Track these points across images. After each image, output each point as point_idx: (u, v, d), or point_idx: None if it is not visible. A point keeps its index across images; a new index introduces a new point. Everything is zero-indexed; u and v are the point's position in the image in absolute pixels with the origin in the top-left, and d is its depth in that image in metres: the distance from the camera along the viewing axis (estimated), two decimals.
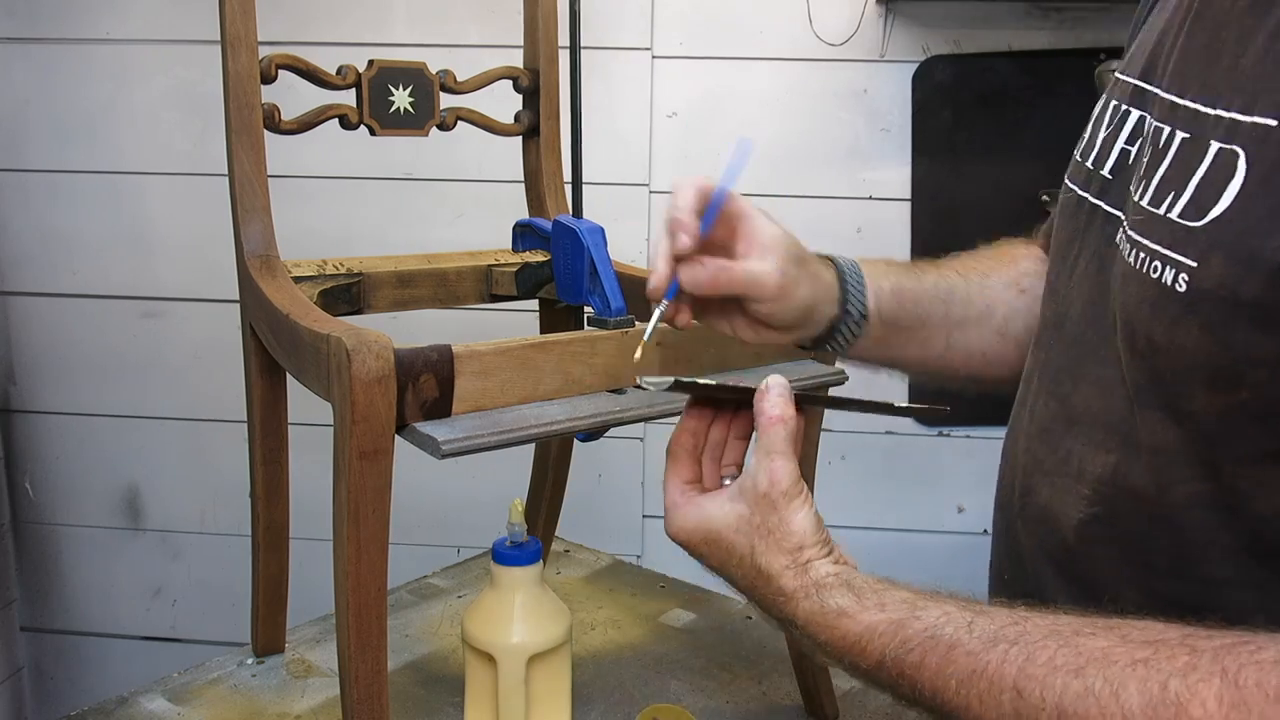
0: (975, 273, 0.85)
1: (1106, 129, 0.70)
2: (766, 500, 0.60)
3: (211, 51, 0.91)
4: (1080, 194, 0.71)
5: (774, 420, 0.62)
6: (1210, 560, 0.56)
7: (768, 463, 0.61)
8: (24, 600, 1.90)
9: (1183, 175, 0.56)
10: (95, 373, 1.79)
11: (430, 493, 1.72)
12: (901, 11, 1.59)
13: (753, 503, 0.61)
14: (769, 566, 0.60)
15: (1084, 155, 0.73)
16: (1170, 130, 0.59)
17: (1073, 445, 0.65)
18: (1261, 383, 0.52)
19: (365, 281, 0.97)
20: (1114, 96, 0.71)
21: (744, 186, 1.85)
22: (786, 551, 0.60)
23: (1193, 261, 0.53)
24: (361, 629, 0.75)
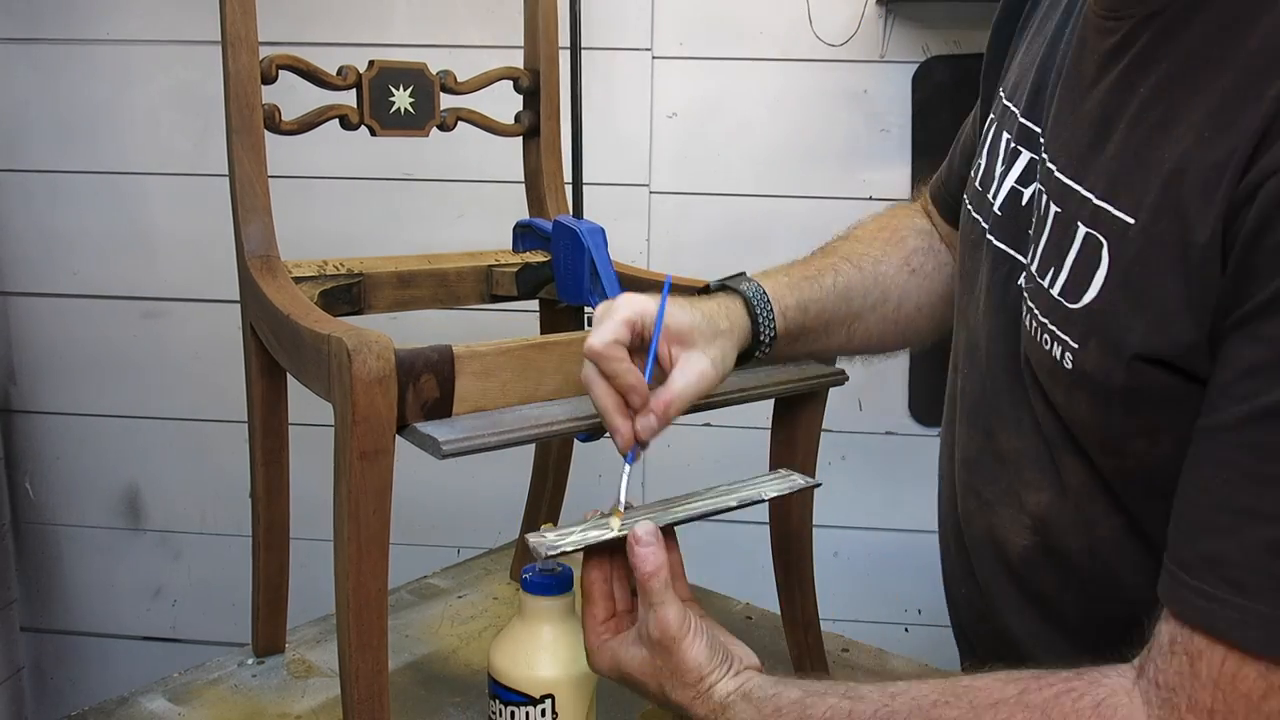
0: (869, 260, 0.89)
1: (1001, 164, 0.74)
2: (660, 646, 0.66)
3: (212, 52, 0.91)
4: (978, 221, 0.76)
5: (648, 576, 0.66)
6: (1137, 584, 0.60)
7: (654, 613, 0.66)
8: (24, 600, 1.90)
9: (1058, 253, 0.61)
10: (96, 373, 1.79)
11: (431, 493, 1.72)
12: (901, 12, 1.59)
13: (650, 648, 0.67)
14: (680, 700, 0.67)
15: (982, 183, 0.77)
16: (1047, 200, 0.64)
17: (1010, 481, 0.70)
18: (1140, 452, 0.57)
19: (366, 282, 0.97)
20: (1004, 126, 0.75)
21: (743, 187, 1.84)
22: (689, 685, 0.66)
23: (1075, 344, 0.59)
24: (362, 629, 0.75)
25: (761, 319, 0.78)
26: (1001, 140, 0.75)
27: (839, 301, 0.85)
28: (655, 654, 0.67)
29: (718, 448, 1.73)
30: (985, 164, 0.77)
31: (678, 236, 1.68)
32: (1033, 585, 0.70)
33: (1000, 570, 0.72)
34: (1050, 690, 0.54)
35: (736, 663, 0.68)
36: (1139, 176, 0.56)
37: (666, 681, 0.67)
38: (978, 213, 0.76)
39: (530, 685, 0.81)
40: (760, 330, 0.78)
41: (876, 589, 1.72)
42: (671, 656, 0.66)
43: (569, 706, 0.82)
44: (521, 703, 0.81)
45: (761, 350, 0.80)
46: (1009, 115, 0.74)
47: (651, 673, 0.67)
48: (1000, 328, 0.70)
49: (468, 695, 0.99)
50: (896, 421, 1.72)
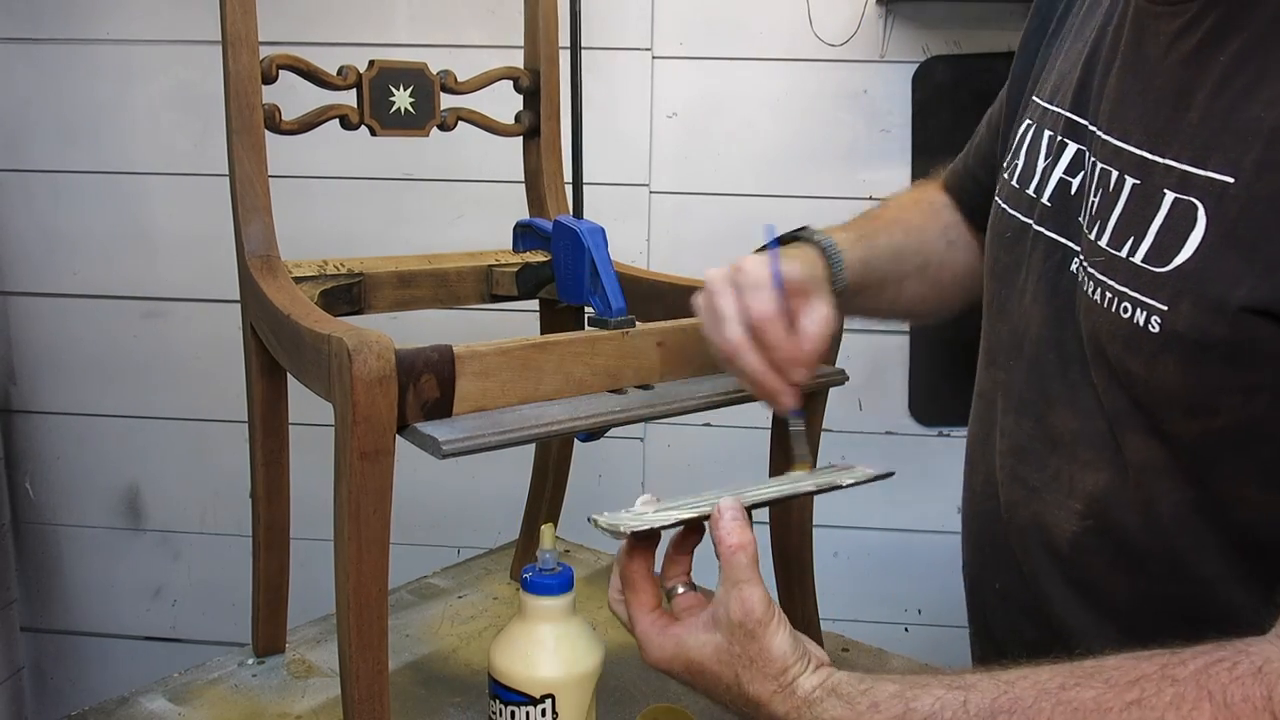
0: (914, 226, 0.94)
1: (1045, 159, 0.75)
2: (743, 630, 0.61)
3: (213, 52, 0.91)
4: (1022, 219, 0.76)
5: (734, 549, 0.62)
6: (1200, 561, 0.60)
7: (737, 592, 0.61)
8: (24, 600, 1.90)
9: (1140, 221, 0.61)
10: (96, 373, 1.79)
11: (431, 493, 1.72)
12: (901, 12, 1.59)
13: (728, 633, 0.61)
14: (758, 694, 0.60)
15: (1020, 180, 0.78)
16: (1119, 174, 0.64)
17: (1060, 465, 0.69)
18: (1236, 408, 0.57)
19: (366, 282, 0.97)
20: (1044, 125, 0.76)
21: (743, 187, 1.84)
22: (771, 677, 0.60)
23: (1163, 305, 0.59)
24: (362, 629, 0.75)
25: (835, 269, 0.83)
26: (1043, 138, 0.76)
27: (891, 261, 0.89)
28: (734, 639, 0.61)
29: (718, 448, 1.73)
30: (1024, 163, 0.78)
31: (678, 236, 1.68)
32: (1081, 571, 0.69)
33: (1047, 558, 0.71)
34: (1196, 663, 0.50)
35: (814, 658, 0.62)
36: (1232, 138, 0.56)
37: (745, 671, 0.60)
38: (1016, 209, 0.77)
39: (530, 685, 0.81)
40: (834, 280, 0.82)
41: (876, 589, 1.72)
42: (754, 642, 0.60)
43: (569, 706, 0.83)
44: (522, 703, 0.82)
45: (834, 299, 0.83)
46: (1049, 115, 0.76)
47: (727, 660, 0.61)
48: (1053, 314, 0.70)
49: (468, 695, 0.99)
50: (896, 421, 1.72)
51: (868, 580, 1.72)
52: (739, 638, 0.60)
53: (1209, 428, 0.59)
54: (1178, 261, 0.58)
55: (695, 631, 0.63)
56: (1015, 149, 0.81)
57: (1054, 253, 0.72)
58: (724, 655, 0.61)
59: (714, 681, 0.62)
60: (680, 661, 0.63)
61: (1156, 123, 0.62)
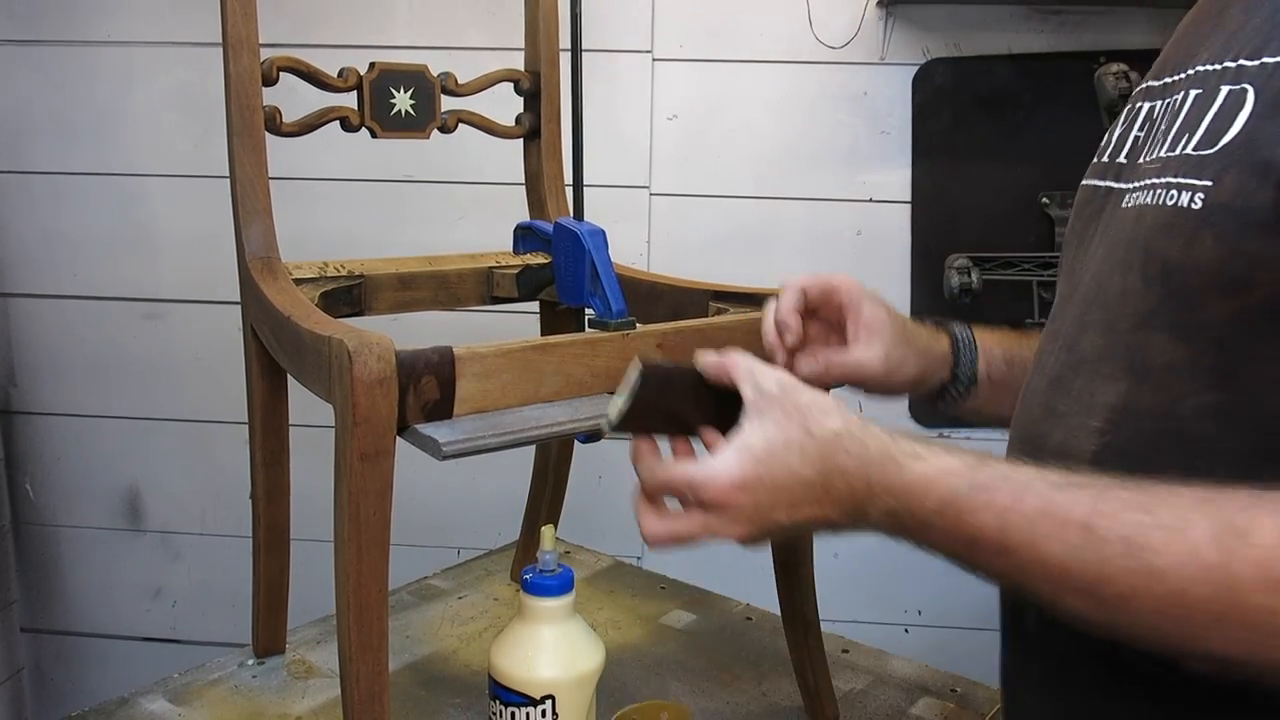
0: None
1: (1121, 126, 0.73)
2: (787, 392, 0.63)
3: (213, 54, 0.92)
4: (1094, 184, 0.74)
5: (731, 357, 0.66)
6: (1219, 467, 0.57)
7: (770, 374, 0.65)
8: (24, 601, 1.90)
9: (1194, 123, 0.60)
10: (96, 374, 1.79)
11: (431, 494, 1.72)
12: (901, 14, 1.59)
13: (776, 403, 0.63)
14: (833, 427, 0.61)
15: (1100, 154, 0.75)
16: (1184, 94, 0.63)
17: (1083, 385, 0.66)
18: (1274, 281, 0.54)
19: (366, 283, 0.97)
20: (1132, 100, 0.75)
21: (743, 189, 1.84)
22: (834, 412, 0.62)
23: (1208, 181, 0.57)
24: (362, 630, 0.75)
25: (963, 357, 0.85)
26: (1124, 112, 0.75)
27: None
28: (786, 400, 0.63)
29: None
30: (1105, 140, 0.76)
31: (678, 238, 1.68)
32: None
33: None
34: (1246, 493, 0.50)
35: None
36: None
37: (810, 418, 0.62)
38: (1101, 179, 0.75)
39: (530, 686, 0.82)
40: (959, 366, 0.85)
41: (876, 589, 1.72)
42: (803, 392, 0.63)
43: (569, 707, 0.83)
44: (522, 703, 0.82)
45: (958, 388, 0.85)
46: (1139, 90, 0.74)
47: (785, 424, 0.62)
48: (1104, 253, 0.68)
49: (468, 696, 1.00)
50: (897, 421, 1.71)
51: (868, 580, 1.72)
52: (790, 397, 0.63)
53: (1245, 304, 0.56)
54: (1224, 140, 0.57)
55: (742, 435, 0.63)
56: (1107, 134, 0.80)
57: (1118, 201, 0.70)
58: (782, 420, 0.62)
59: (783, 452, 0.62)
60: (748, 461, 0.62)
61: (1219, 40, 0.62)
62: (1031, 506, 0.55)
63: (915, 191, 1.64)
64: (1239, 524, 0.49)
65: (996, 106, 1.60)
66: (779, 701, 1.02)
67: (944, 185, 1.63)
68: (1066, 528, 0.53)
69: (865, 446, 0.61)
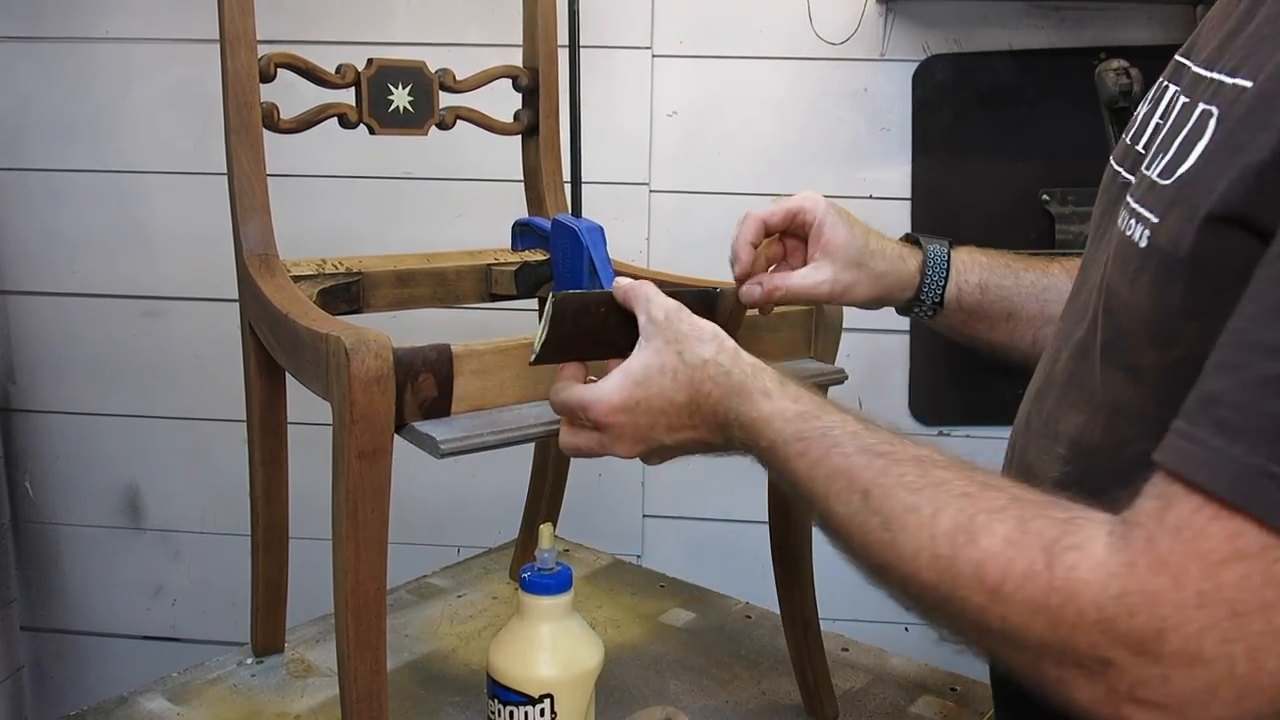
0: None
1: (1148, 105, 0.70)
2: (671, 320, 0.68)
3: (212, 50, 0.91)
4: (1120, 172, 0.71)
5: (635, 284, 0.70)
6: None
7: (659, 300, 0.69)
8: (24, 600, 1.90)
9: (1171, 139, 0.57)
10: (96, 372, 1.79)
11: (430, 492, 1.71)
12: (902, 10, 1.58)
13: (660, 330, 0.68)
14: (701, 354, 0.66)
15: (1128, 135, 0.72)
16: (1181, 98, 0.60)
17: (1051, 408, 0.67)
18: (1194, 338, 0.52)
19: (364, 281, 0.97)
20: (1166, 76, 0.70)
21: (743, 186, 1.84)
22: (708, 340, 0.67)
23: (1156, 218, 0.55)
24: (360, 629, 0.75)
25: (929, 280, 0.85)
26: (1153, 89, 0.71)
27: (1032, 300, 0.86)
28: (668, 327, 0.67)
29: None
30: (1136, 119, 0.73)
31: (678, 235, 1.68)
32: None
33: None
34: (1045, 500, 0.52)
35: None
36: (1270, 46, 0.52)
37: (685, 345, 0.67)
38: (1120, 164, 0.72)
39: (529, 685, 0.81)
40: (924, 291, 0.85)
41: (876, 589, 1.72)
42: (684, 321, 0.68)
43: (568, 706, 0.83)
44: (520, 702, 0.81)
45: (922, 308, 0.86)
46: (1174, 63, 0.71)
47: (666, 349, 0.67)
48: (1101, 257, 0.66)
49: (467, 695, 0.99)
50: (897, 421, 1.71)
51: None
52: (671, 322, 0.68)
53: (1168, 359, 0.55)
54: (1179, 172, 0.54)
55: (628, 360, 0.68)
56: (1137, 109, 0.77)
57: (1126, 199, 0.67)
58: (661, 346, 0.67)
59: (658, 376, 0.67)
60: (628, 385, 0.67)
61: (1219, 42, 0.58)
62: (833, 465, 0.58)
63: (915, 188, 1.64)
64: (977, 524, 0.51)
65: (997, 103, 1.60)
66: (778, 700, 1.02)
67: (944, 182, 1.63)
68: (852, 491, 0.56)
69: (729, 375, 0.66)
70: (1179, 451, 0.46)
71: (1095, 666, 0.46)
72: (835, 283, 0.83)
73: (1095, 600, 0.45)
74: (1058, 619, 0.47)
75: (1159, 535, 0.45)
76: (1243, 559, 0.42)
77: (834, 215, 0.84)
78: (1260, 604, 0.42)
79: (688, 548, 1.71)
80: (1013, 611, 0.48)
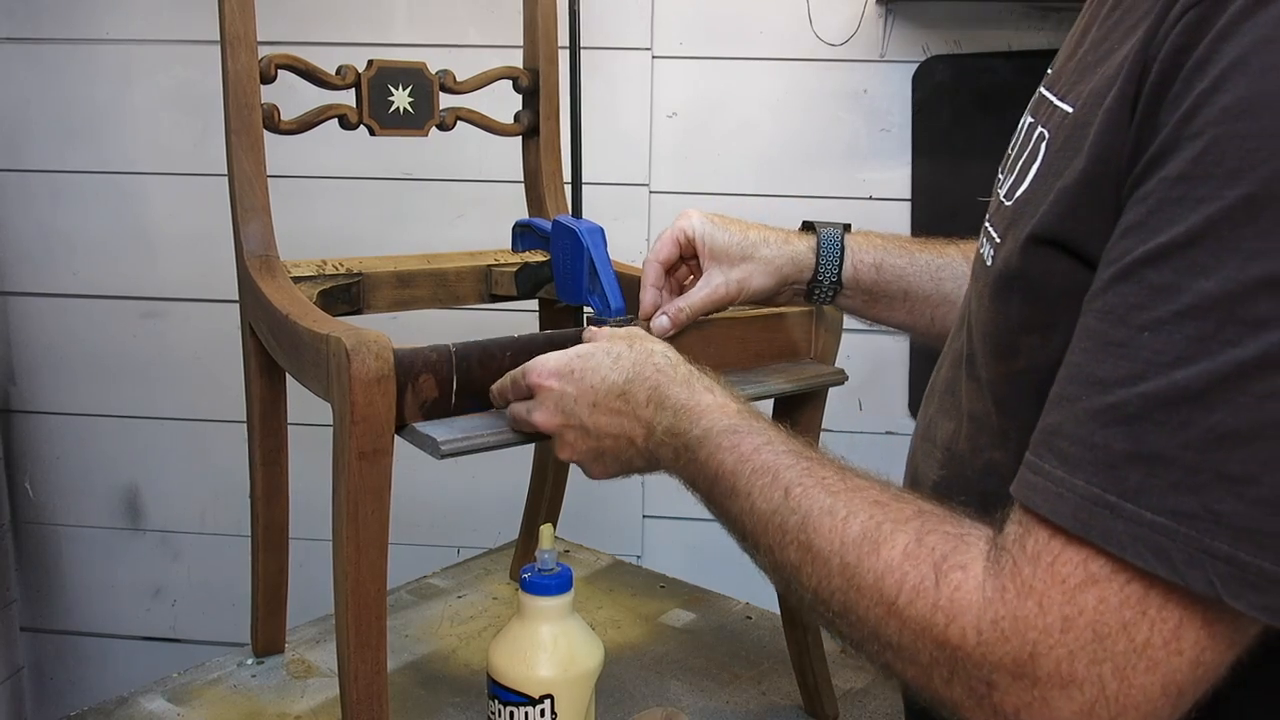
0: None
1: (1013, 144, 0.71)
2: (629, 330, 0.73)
3: (212, 51, 0.91)
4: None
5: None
6: None
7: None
8: (24, 600, 1.90)
9: (1015, 161, 0.60)
10: (95, 373, 1.79)
11: (430, 493, 1.72)
12: (901, 12, 1.59)
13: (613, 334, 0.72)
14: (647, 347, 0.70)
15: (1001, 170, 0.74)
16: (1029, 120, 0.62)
17: (933, 414, 0.69)
18: (1033, 350, 0.54)
19: (365, 281, 0.97)
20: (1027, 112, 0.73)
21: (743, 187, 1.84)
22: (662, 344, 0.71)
23: (999, 239, 0.57)
24: (361, 629, 0.75)
25: (824, 261, 0.87)
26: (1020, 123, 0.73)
27: (927, 279, 0.88)
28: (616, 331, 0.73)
29: None
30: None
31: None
32: None
33: None
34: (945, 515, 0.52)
35: None
36: (1089, 72, 0.53)
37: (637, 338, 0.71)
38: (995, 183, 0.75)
39: (529, 685, 0.81)
40: (820, 271, 0.87)
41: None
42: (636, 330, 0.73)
43: (568, 706, 0.83)
44: (520, 703, 0.81)
45: (823, 290, 0.88)
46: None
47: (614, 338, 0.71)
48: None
49: (467, 695, 0.99)
50: (896, 421, 1.72)
51: None
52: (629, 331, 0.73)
53: (1011, 370, 0.57)
54: (1018, 194, 0.56)
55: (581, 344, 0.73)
56: None
57: None
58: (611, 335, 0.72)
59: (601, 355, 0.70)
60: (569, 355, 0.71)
61: (1062, 64, 0.60)
62: (761, 460, 0.59)
63: (915, 189, 1.64)
64: (883, 533, 0.52)
65: (996, 104, 1.60)
66: (778, 701, 1.02)
67: (944, 183, 1.63)
68: (775, 488, 0.57)
69: (675, 367, 0.68)
70: (1028, 484, 0.47)
71: (981, 689, 0.47)
72: (728, 282, 0.85)
73: (975, 623, 0.47)
74: (944, 639, 0.48)
75: (1021, 562, 0.46)
76: (1097, 583, 0.44)
77: (710, 224, 0.86)
78: (1120, 624, 0.43)
79: (688, 548, 1.71)
80: (906, 626, 0.49)
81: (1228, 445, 0.41)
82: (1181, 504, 0.41)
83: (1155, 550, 0.42)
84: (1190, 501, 0.41)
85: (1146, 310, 0.43)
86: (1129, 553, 0.42)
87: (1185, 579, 0.41)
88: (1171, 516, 0.42)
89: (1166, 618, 0.43)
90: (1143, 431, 0.42)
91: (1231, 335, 0.41)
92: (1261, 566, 0.41)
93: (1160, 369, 0.42)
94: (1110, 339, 0.45)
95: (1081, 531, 0.44)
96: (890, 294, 0.88)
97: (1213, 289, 0.41)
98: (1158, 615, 0.43)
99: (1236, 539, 0.41)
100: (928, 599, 0.48)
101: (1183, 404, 0.42)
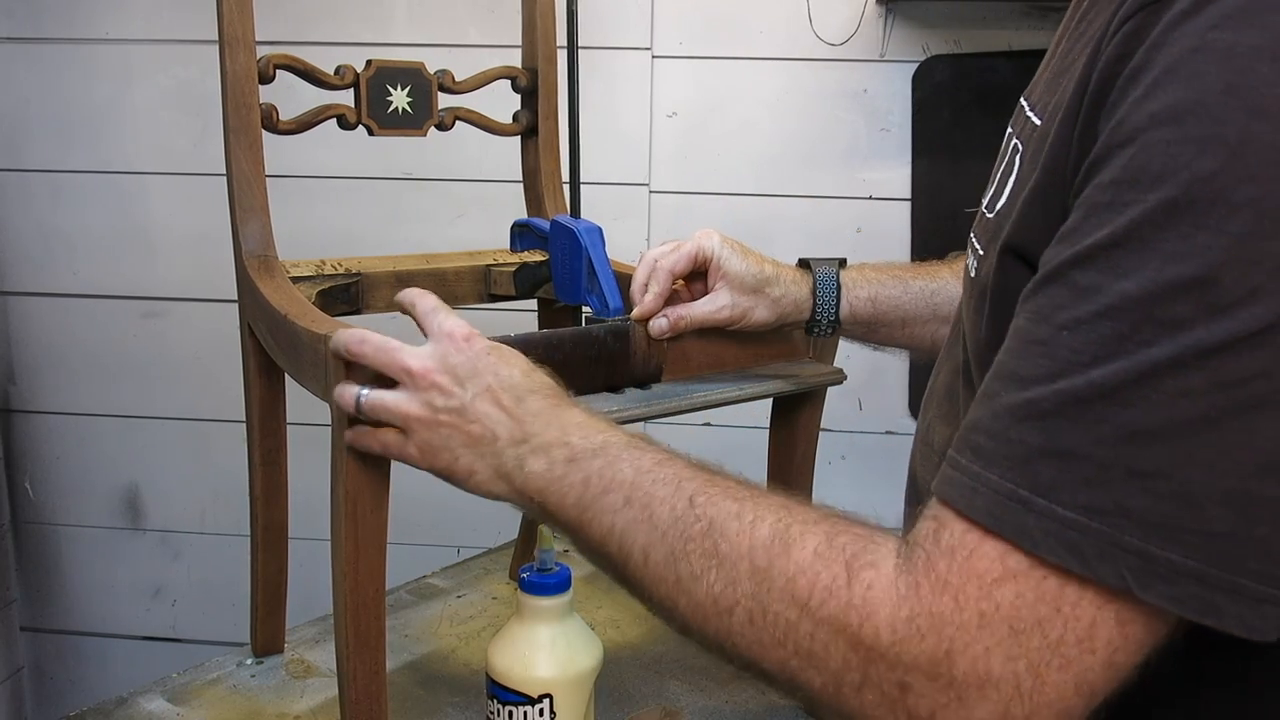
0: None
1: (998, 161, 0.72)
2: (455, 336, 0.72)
3: (211, 51, 0.91)
4: None
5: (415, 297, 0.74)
6: None
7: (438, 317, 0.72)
8: (24, 600, 1.90)
9: (995, 172, 0.60)
10: (96, 373, 1.79)
11: (429, 492, 1.71)
12: (901, 11, 1.59)
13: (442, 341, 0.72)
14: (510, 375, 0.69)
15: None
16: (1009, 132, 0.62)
17: (932, 418, 0.69)
18: None
19: (363, 281, 0.97)
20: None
21: (743, 187, 1.84)
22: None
23: (981, 250, 0.58)
24: (360, 629, 0.75)
25: (821, 301, 0.90)
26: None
27: (921, 303, 0.91)
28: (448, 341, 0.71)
29: (717, 447, 1.72)
30: None
31: (677, 236, 1.67)
32: None
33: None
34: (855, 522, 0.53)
35: None
36: (1056, 85, 0.54)
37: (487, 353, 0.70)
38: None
39: (528, 685, 0.81)
40: (818, 310, 0.90)
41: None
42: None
43: (567, 706, 0.83)
44: (520, 703, 0.81)
45: (821, 328, 0.91)
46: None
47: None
48: None
49: (466, 695, 0.99)
50: (896, 421, 1.72)
51: None
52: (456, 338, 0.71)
53: None
54: (998, 207, 0.57)
55: None
56: None
57: None
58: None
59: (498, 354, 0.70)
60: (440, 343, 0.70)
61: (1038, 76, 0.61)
62: (663, 472, 0.59)
63: (915, 189, 1.64)
64: (792, 534, 0.51)
65: (996, 104, 1.59)
66: (778, 701, 1.02)
67: (944, 183, 1.63)
68: (679, 496, 0.56)
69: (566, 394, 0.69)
70: (945, 479, 0.47)
71: (894, 692, 0.46)
72: (734, 308, 0.87)
73: (889, 621, 0.46)
74: (857, 639, 0.47)
75: (935, 556, 0.46)
76: (1013, 578, 0.44)
77: (729, 249, 0.88)
78: (1035, 620, 0.43)
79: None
80: (819, 628, 0.48)
81: (1139, 442, 0.41)
82: (1094, 499, 0.42)
83: (1068, 545, 0.42)
84: (1102, 497, 0.42)
85: (1068, 310, 0.44)
86: (1041, 548, 0.43)
87: (1097, 573, 0.42)
88: (1083, 512, 0.42)
89: (1080, 615, 0.43)
90: (1057, 428, 0.43)
91: (1148, 335, 0.41)
92: (1170, 559, 0.41)
93: (1077, 367, 0.43)
94: (1033, 337, 0.45)
95: (996, 526, 0.44)
96: (888, 323, 0.91)
97: (1132, 290, 0.42)
98: (1071, 612, 0.43)
99: (1147, 533, 0.41)
100: (840, 598, 0.48)
101: (1097, 401, 0.42)
